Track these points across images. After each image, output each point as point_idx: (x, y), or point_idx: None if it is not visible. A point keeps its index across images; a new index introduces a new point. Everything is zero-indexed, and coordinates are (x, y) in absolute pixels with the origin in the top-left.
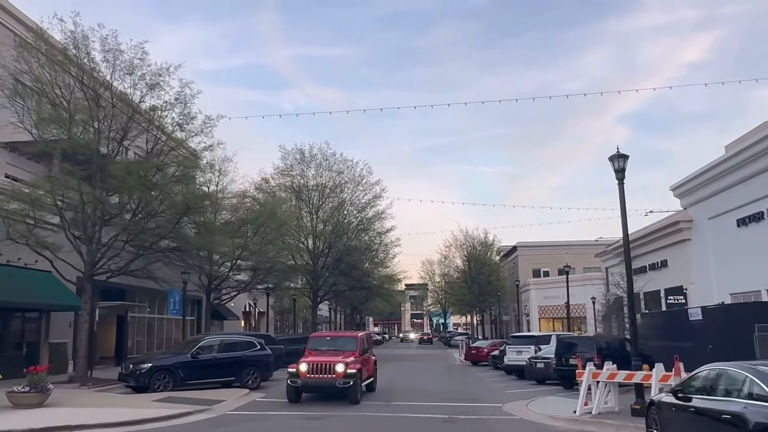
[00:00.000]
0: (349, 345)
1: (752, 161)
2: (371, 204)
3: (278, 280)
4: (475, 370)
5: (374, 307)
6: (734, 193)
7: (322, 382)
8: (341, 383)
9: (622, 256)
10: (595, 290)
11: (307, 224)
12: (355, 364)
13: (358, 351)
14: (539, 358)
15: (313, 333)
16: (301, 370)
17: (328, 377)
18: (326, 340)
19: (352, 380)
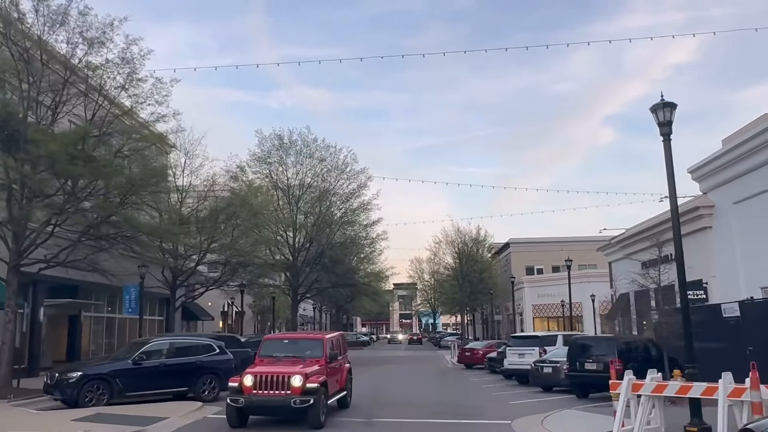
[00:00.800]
0: (312, 350)
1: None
2: (356, 194)
3: (253, 277)
4: (470, 375)
5: (361, 306)
6: (766, 174)
7: (272, 401)
8: (298, 402)
9: (629, 249)
10: (593, 288)
11: (287, 216)
12: (318, 376)
13: (323, 358)
14: (546, 362)
15: (267, 335)
16: (246, 385)
17: (281, 394)
18: (283, 343)
19: (312, 397)
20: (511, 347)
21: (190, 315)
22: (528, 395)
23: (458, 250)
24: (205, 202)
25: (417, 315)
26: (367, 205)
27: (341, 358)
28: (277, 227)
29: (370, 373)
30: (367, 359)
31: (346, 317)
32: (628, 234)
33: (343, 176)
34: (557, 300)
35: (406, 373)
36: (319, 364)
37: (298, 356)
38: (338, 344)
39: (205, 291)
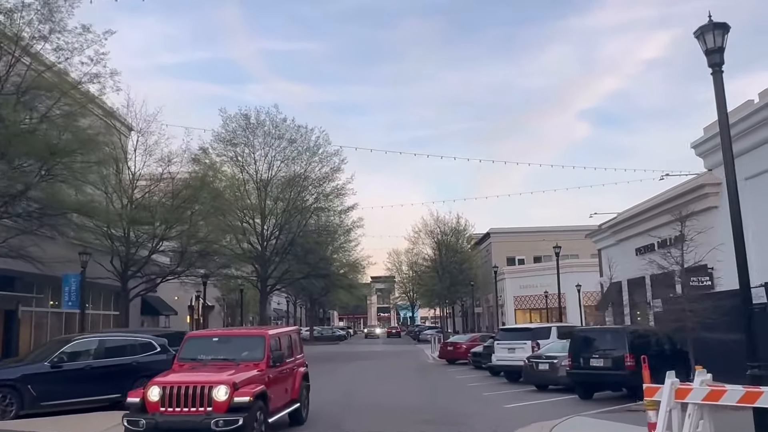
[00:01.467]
0: (250, 350)
1: None
2: (329, 178)
3: (216, 267)
4: (453, 372)
5: (337, 300)
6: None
7: (186, 422)
8: (221, 423)
9: (621, 234)
10: (576, 278)
11: (254, 202)
12: (252, 385)
13: (264, 360)
14: (542, 358)
15: (191, 332)
16: (150, 400)
17: (199, 412)
18: (212, 343)
19: (242, 416)
20: (499, 341)
21: (151, 309)
22: (522, 396)
23: (437, 240)
24: (160, 184)
25: (395, 308)
26: (341, 190)
27: (294, 360)
28: (243, 214)
29: (342, 371)
30: (341, 355)
31: (322, 311)
32: (620, 218)
33: (315, 159)
34: (540, 291)
35: (383, 371)
36: (259, 369)
37: (231, 359)
38: (289, 343)
39: (160, 282)
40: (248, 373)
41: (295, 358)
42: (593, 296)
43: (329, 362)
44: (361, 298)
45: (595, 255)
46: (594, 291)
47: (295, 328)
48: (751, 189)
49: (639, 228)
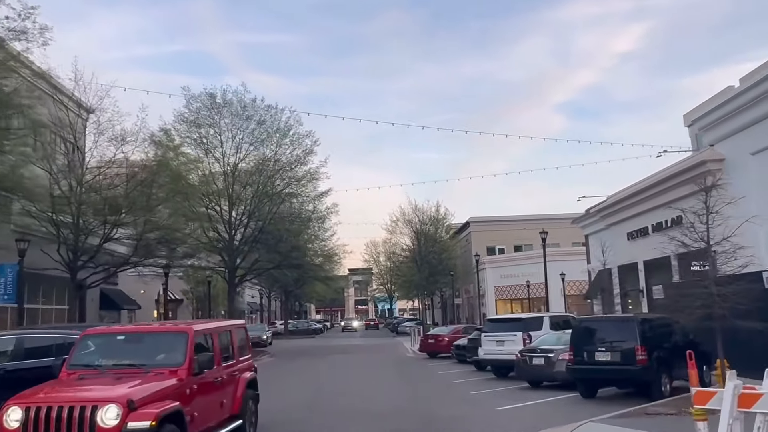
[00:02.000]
0: (167, 352)
1: None
2: (301, 161)
3: (179, 257)
4: (435, 366)
5: (313, 292)
6: None
7: None
8: None
9: (611, 218)
10: (558, 267)
11: (221, 187)
12: (158, 403)
13: (186, 366)
14: (537, 351)
15: (90, 329)
16: (6, 427)
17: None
18: (117, 342)
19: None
20: (487, 333)
21: (110, 304)
22: (515, 395)
23: (416, 230)
24: (113, 166)
25: (373, 301)
26: (314, 174)
27: (234, 364)
28: (209, 200)
29: (315, 367)
30: (316, 349)
31: (298, 304)
32: (611, 201)
33: (286, 141)
34: (521, 281)
35: (359, 366)
36: (177, 378)
37: (140, 365)
38: (228, 342)
39: (114, 273)
40: (157, 385)
41: (238, 362)
42: (577, 285)
43: (302, 357)
44: (338, 291)
45: (577, 243)
46: (578, 280)
47: (237, 322)
48: (757, 164)
49: (632, 211)
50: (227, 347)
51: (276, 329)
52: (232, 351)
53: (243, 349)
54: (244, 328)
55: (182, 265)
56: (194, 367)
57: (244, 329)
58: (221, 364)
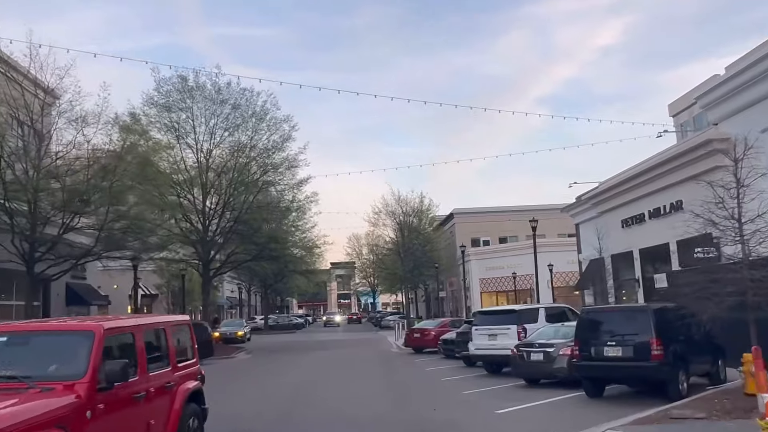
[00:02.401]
0: (62, 361)
1: None
2: (279, 147)
3: (147, 248)
4: (422, 362)
5: (295, 286)
6: None
7: None
8: None
9: (604, 205)
10: (547, 258)
11: (194, 174)
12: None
13: (87, 379)
14: (535, 346)
15: None
16: None
17: None
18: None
19: None
20: (478, 326)
21: (77, 299)
22: (513, 394)
23: (399, 221)
24: (73, 150)
25: (356, 295)
26: (292, 161)
27: (169, 372)
28: (180, 188)
29: (294, 366)
30: (296, 345)
31: (279, 299)
32: (604, 187)
33: (263, 126)
34: (507, 273)
35: (341, 364)
36: (75, 396)
37: (24, 377)
38: (157, 343)
39: (76, 265)
40: (40, 407)
41: (175, 369)
42: (563, 277)
43: (280, 354)
44: (320, 285)
45: (563, 234)
46: (564, 271)
47: (175, 318)
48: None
49: (626, 197)
50: (158, 350)
51: (256, 324)
52: (165, 355)
53: (184, 353)
54: (187, 324)
55: (152, 258)
56: (100, 379)
57: (187, 326)
58: (147, 374)
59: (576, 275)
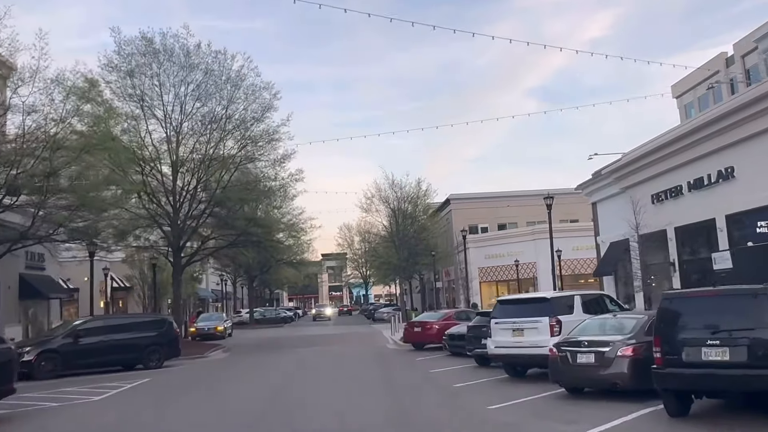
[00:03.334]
0: None
1: None
2: (258, 118)
3: (97, 232)
4: (425, 362)
5: (284, 277)
6: None
7: None
8: None
9: (628, 180)
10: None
11: (162, 148)
12: None
13: None
14: (583, 345)
15: None
16: None
17: None
18: None
19: None
20: (498, 319)
21: (33, 292)
22: (558, 410)
23: (393, 207)
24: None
25: (348, 287)
26: (273, 134)
27: None
28: (145, 164)
29: (275, 365)
30: (282, 341)
31: (268, 291)
32: (631, 158)
33: (240, 94)
34: (507, 261)
35: (330, 364)
36: None
37: None
38: None
39: (10, 250)
40: None
41: None
42: (570, 265)
43: (262, 353)
44: (310, 277)
45: (564, 221)
46: (570, 259)
47: None
48: None
49: (659, 167)
50: None
51: (241, 318)
52: None
53: None
54: None
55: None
56: None
57: None
58: None
59: (583, 262)
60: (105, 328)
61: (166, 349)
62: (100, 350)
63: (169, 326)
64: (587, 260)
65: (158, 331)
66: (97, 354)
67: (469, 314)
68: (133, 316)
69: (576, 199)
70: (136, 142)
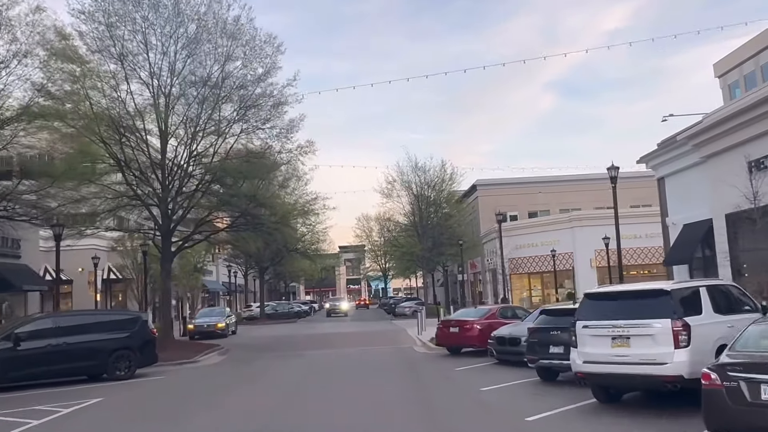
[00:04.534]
0: None
1: None
2: (260, 78)
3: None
4: (469, 375)
5: (299, 270)
6: None
7: None
8: None
9: (714, 144)
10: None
11: (149, 117)
12: None
13: None
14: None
15: None
16: None
17: None
18: None
19: None
20: (587, 321)
21: (4, 283)
22: None
23: (416, 193)
24: None
25: (366, 280)
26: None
27: None
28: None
29: (274, 378)
30: (290, 340)
31: (283, 284)
32: (721, 116)
33: (238, 50)
34: (542, 251)
35: (346, 374)
36: None
37: None
38: None
39: None
40: None
41: None
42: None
43: (266, 357)
44: (327, 269)
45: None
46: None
47: None
48: None
49: (764, 125)
50: None
51: (251, 312)
52: None
53: None
54: None
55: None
56: None
57: None
58: None
59: (637, 252)
60: (57, 329)
61: (139, 355)
62: (48, 357)
63: (142, 326)
64: (640, 249)
65: (128, 332)
66: (44, 362)
67: (517, 311)
68: (97, 314)
69: (626, 183)
70: (117, 108)
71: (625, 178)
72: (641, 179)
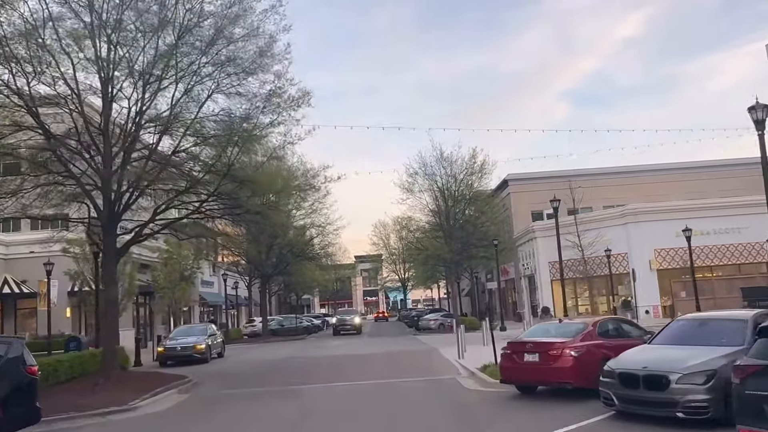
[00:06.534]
0: None
1: None
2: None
3: None
4: None
5: (310, 280)
6: None
7: None
8: None
9: None
10: (640, 233)
11: (86, 56)
12: None
13: None
14: None
15: None
16: None
17: None
18: None
19: None
20: None
21: None
22: None
23: (440, 187)
24: None
25: (383, 291)
26: (268, 48)
27: None
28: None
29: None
30: (289, 368)
31: (295, 296)
32: None
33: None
34: (596, 251)
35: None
36: None
37: None
38: None
39: None
40: None
41: None
42: (667, 255)
43: (244, 397)
44: (343, 280)
45: (652, 197)
46: (668, 248)
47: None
48: None
49: None
50: None
51: (254, 329)
52: None
53: None
54: None
55: None
56: None
57: None
58: None
59: (720, 249)
60: None
61: (7, 410)
62: None
63: (9, 364)
64: (717, 247)
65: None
66: None
67: (622, 327)
68: None
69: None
70: (35, 46)
71: (709, 167)
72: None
